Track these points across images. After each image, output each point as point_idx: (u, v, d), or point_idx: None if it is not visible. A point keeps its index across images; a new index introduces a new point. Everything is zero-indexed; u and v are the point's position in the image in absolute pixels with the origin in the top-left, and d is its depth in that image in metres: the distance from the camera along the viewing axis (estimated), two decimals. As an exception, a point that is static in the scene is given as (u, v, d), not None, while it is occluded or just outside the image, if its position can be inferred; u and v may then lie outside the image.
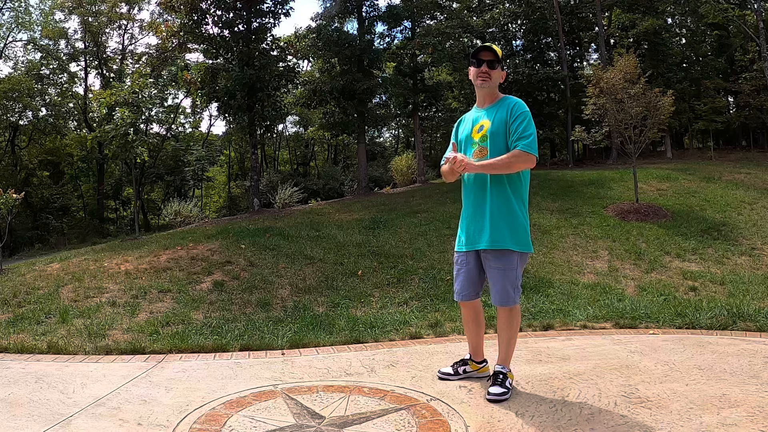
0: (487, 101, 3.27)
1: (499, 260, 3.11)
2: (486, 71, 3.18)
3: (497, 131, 3.11)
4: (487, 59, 3.18)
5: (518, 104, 3.15)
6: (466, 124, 3.33)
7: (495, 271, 3.12)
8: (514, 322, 3.19)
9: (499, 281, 3.11)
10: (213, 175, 40.31)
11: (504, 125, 3.10)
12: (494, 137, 3.12)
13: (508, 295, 3.11)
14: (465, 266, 3.28)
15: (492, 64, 3.18)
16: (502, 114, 3.13)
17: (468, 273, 3.27)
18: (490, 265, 3.14)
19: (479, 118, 3.25)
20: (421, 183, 20.06)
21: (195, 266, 8.59)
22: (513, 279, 3.11)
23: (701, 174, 16.70)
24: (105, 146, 16.95)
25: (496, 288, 3.13)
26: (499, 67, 3.21)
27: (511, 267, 3.10)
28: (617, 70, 13.86)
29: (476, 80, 3.23)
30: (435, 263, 8.85)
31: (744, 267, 9.27)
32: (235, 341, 4.72)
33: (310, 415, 2.92)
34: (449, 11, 24.64)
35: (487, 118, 3.18)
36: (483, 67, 3.18)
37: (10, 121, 27.77)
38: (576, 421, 2.75)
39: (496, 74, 3.21)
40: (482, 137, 3.16)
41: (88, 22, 28.96)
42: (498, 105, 3.20)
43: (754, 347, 3.99)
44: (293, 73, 18.22)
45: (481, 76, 3.20)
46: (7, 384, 3.53)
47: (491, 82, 3.21)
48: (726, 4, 23.74)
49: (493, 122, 3.14)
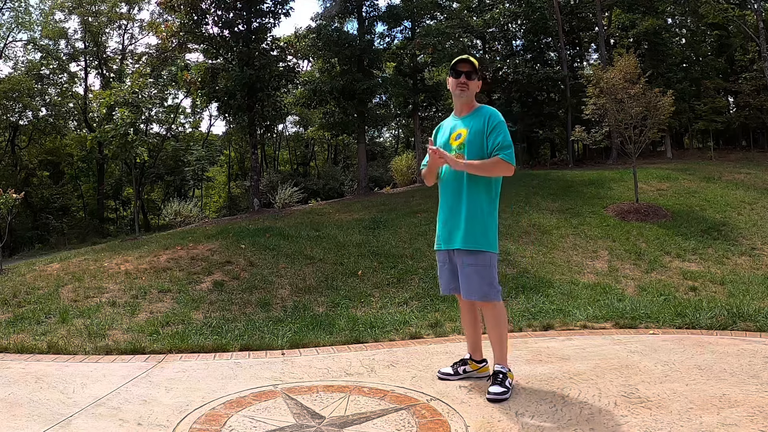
0: (464, 110, 3.44)
1: (473, 259, 3.23)
2: (464, 82, 3.35)
3: (474, 140, 3.28)
4: (465, 70, 3.34)
5: (494, 114, 3.31)
6: (444, 131, 3.50)
7: (468, 268, 3.24)
8: (499, 319, 3.26)
9: (473, 277, 3.22)
10: (213, 175, 40.31)
11: (481, 135, 3.27)
12: (471, 145, 3.28)
13: (482, 291, 3.21)
14: (447, 263, 3.43)
15: (469, 75, 3.35)
16: (479, 124, 3.30)
17: (451, 270, 3.40)
18: (464, 262, 3.26)
19: (456, 126, 3.42)
20: (421, 183, 20.06)
21: (195, 266, 8.59)
22: (488, 276, 3.22)
23: (701, 174, 16.69)
24: (105, 146, 16.92)
25: (469, 284, 3.24)
26: (476, 77, 3.39)
27: (485, 264, 3.22)
28: (617, 70, 13.86)
29: (455, 90, 3.41)
30: (435, 263, 8.82)
31: (744, 267, 9.27)
32: (235, 341, 4.73)
33: (310, 415, 2.92)
34: (449, 11, 24.63)
35: (465, 127, 3.35)
36: (461, 78, 3.35)
37: (10, 121, 27.78)
38: (576, 421, 2.75)
39: (473, 84, 3.39)
40: (459, 145, 3.33)
41: (88, 22, 28.98)
42: (474, 114, 3.37)
43: (754, 347, 3.99)
44: (293, 73, 18.22)
45: (459, 86, 3.37)
46: (7, 384, 3.53)
47: (468, 92, 3.38)
48: (726, 4, 23.75)
49: (470, 131, 3.31)
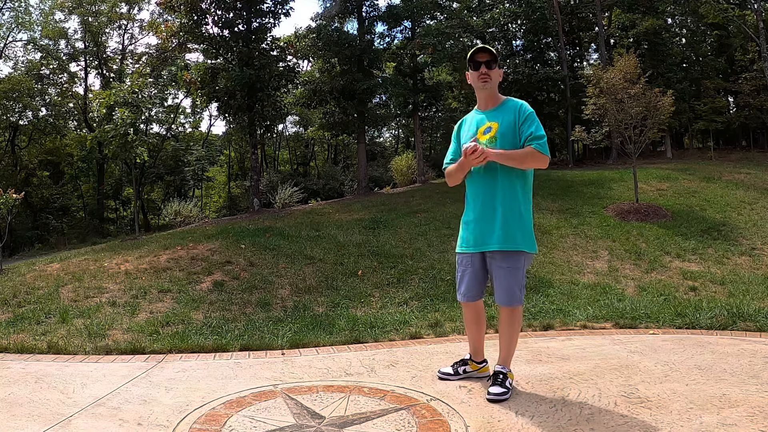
0: (489, 103, 3.27)
1: (508, 260, 3.11)
2: (485, 72, 3.19)
3: (506, 132, 3.11)
4: (484, 60, 3.18)
5: (524, 105, 3.17)
6: (470, 126, 3.31)
7: (503, 270, 3.11)
8: (515, 322, 3.20)
9: (506, 281, 3.11)
10: (213, 175, 40.29)
11: (513, 126, 3.11)
12: (504, 138, 3.11)
13: (513, 295, 3.12)
14: (470, 267, 3.25)
15: (489, 65, 3.18)
16: (510, 116, 3.14)
17: (474, 274, 3.24)
18: (498, 265, 3.13)
19: (483, 120, 3.24)
20: (421, 183, 20.06)
21: (195, 266, 8.59)
22: (519, 279, 3.12)
23: (701, 174, 16.69)
24: (105, 146, 16.91)
25: (502, 288, 3.13)
26: (497, 66, 3.22)
27: (518, 267, 3.12)
28: (617, 70, 13.86)
29: (477, 82, 3.23)
30: (435, 263, 8.85)
31: (744, 267, 9.27)
32: (235, 341, 4.72)
33: (310, 415, 2.91)
34: (449, 11, 24.63)
35: (494, 120, 3.18)
36: (482, 68, 3.19)
37: (10, 121, 27.75)
38: (576, 421, 2.74)
39: (495, 74, 3.22)
40: (491, 138, 3.15)
41: (88, 22, 28.96)
42: (503, 107, 3.21)
43: (754, 347, 3.98)
44: (293, 73, 18.21)
45: (481, 77, 3.20)
46: (7, 384, 3.53)
47: (492, 82, 3.22)
48: (726, 4, 23.74)
49: (502, 124, 3.14)
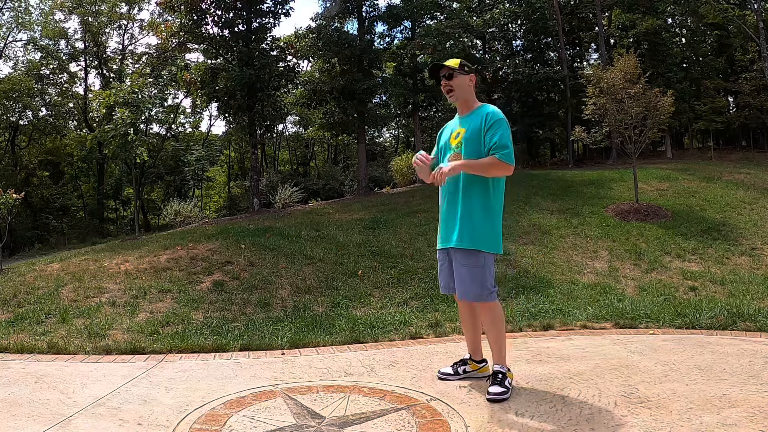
0: (464, 109, 3.43)
1: (466, 258, 3.22)
2: (446, 84, 3.36)
3: (470, 138, 3.25)
4: (443, 74, 3.35)
5: (493, 112, 3.26)
6: (446, 132, 3.50)
7: (462, 267, 3.24)
8: (494, 319, 3.25)
9: (467, 277, 3.22)
10: (213, 175, 40.28)
11: (478, 132, 3.24)
12: (468, 143, 3.25)
13: (474, 292, 3.20)
14: (445, 262, 3.41)
15: (449, 76, 3.34)
16: (477, 122, 3.27)
17: (449, 268, 3.38)
18: (458, 262, 3.26)
19: (456, 126, 3.42)
20: (421, 183, 20.05)
21: (195, 266, 8.59)
22: (481, 277, 3.20)
23: (701, 174, 16.69)
24: (105, 146, 16.93)
25: (463, 284, 3.24)
26: (459, 73, 3.33)
27: (478, 265, 3.20)
28: (617, 70, 13.84)
29: (446, 95, 3.41)
30: (435, 263, 8.77)
31: (744, 267, 9.26)
32: (235, 341, 4.72)
33: (310, 415, 2.92)
34: (449, 11, 24.64)
35: (463, 126, 3.34)
36: (442, 81, 3.37)
37: (10, 121, 27.76)
38: (576, 421, 2.74)
39: (457, 82, 3.34)
40: (458, 144, 3.32)
41: (88, 22, 28.96)
42: (474, 113, 3.36)
43: (754, 347, 3.98)
44: (293, 73, 18.22)
45: (445, 89, 3.37)
46: (7, 384, 3.53)
47: (456, 92, 3.35)
48: (726, 4, 23.72)
49: (468, 129, 3.30)
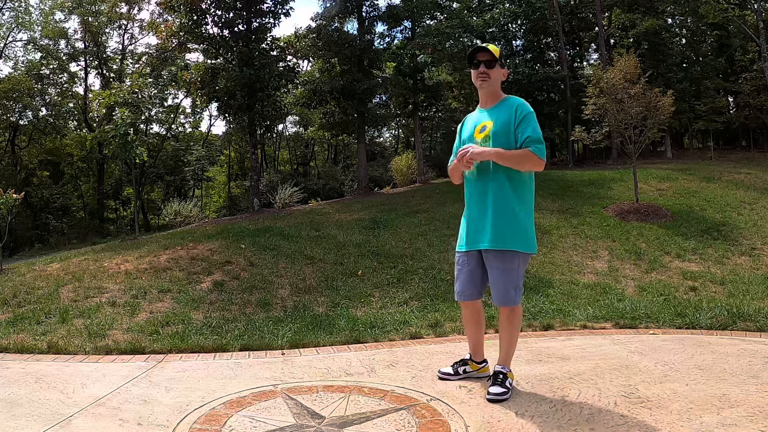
0: (489, 102, 3.26)
1: (500, 260, 3.10)
2: (485, 71, 3.18)
3: (500, 132, 3.10)
4: (484, 59, 3.17)
5: (522, 105, 3.14)
6: (469, 125, 3.33)
7: (496, 271, 3.12)
8: (515, 322, 3.20)
9: (500, 281, 3.11)
10: (213, 175, 40.26)
11: (508, 126, 3.09)
12: (496, 137, 3.09)
13: (508, 295, 3.11)
14: (466, 266, 3.26)
15: (489, 64, 3.17)
16: (506, 115, 3.12)
17: (469, 273, 3.25)
18: (491, 264, 3.14)
19: (481, 118, 3.24)
20: (421, 183, 20.05)
21: (195, 266, 8.59)
22: (514, 279, 3.11)
23: (701, 174, 16.69)
24: (105, 146, 16.94)
25: (497, 288, 3.14)
26: (498, 65, 3.20)
27: (512, 267, 3.10)
28: (617, 70, 13.86)
29: (477, 81, 3.24)
30: (435, 263, 8.85)
31: (744, 267, 9.27)
32: (235, 341, 4.72)
33: (310, 415, 2.91)
34: (449, 11, 24.58)
35: (490, 119, 3.17)
36: (481, 68, 3.19)
37: (10, 121, 27.74)
38: (576, 421, 2.74)
39: (495, 73, 3.20)
40: (484, 137, 3.14)
41: (88, 22, 28.96)
42: (501, 105, 3.20)
43: (754, 347, 3.98)
44: (293, 73, 18.22)
45: (480, 76, 3.20)
46: (7, 384, 3.52)
47: (491, 81, 3.20)
48: (726, 4, 23.69)
49: (496, 123, 3.13)
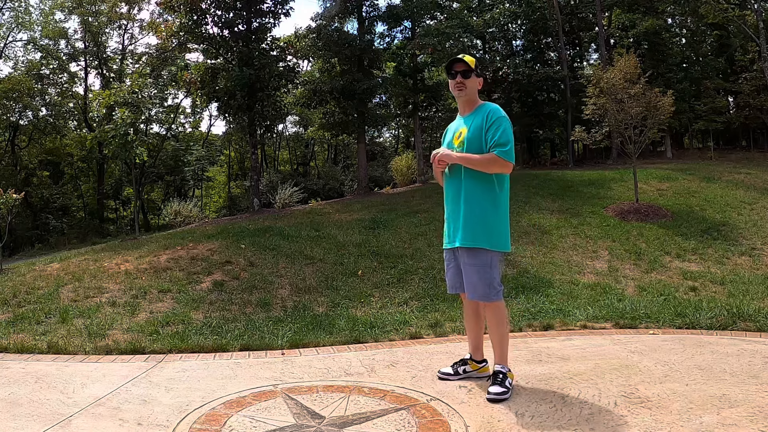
0: (467, 109, 3.44)
1: (472, 257, 3.24)
2: (460, 81, 3.36)
3: (473, 137, 3.27)
4: (460, 70, 3.36)
5: (494, 111, 3.29)
6: (449, 133, 3.52)
7: (468, 267, 3.26)
8: (499, 317, 3.27)
9: (473, 277, 3.24)
10: (213, 175, 40.29)
11: (480, 131, 3.26)
12: (470, 143, 3.27)
13: (482, 291, 3.22)
14: (452, 261, 3.44)
15: (465, 74, 3.36)
16: (479, 121, 3.29)
17: (456, 268, 3.41)
18: (464, 261, 3.29)
19: (459, 125, 3.43)
20: (421, 183, 20.05)
21: (195, 266, 8.59)
22: (487, 276, 3.21)
23: (701, 174, 16.68)
24: (105, 146, 16.94)
25: (469, 282, 3.27)
26: (474, 75, 3.37)
27: (483, 264, 3.22)
28: (617, 70, 13.85)
29: (454, 91, 3.43)
30: (435, 263, 8.84)
31: (744, 267, 9.27)
32: (235, 341, 4.73)
33: (310, 415, 2.92)
34: (449, 11, 24.60)
35: (465, 126, 3.37)
36: (457, 78, 3.36)
37: (10, 121, 27.73)
38: (576, 421, 2.74)
39: (470, 83, 3.38)
40: (460, 143, 3.34)
41: (88, 22, 28.96)
42: (476, 112, 3.37)
43: (754, 347, 3.99)
44: (293, 73, 18.22)
45: (457, 86, 3.38)
46: (7, 384, 3.53)
47: (467, 90, 3.38)
48: (726, 4, 23.69)
49: (470, 129, 3.32)
